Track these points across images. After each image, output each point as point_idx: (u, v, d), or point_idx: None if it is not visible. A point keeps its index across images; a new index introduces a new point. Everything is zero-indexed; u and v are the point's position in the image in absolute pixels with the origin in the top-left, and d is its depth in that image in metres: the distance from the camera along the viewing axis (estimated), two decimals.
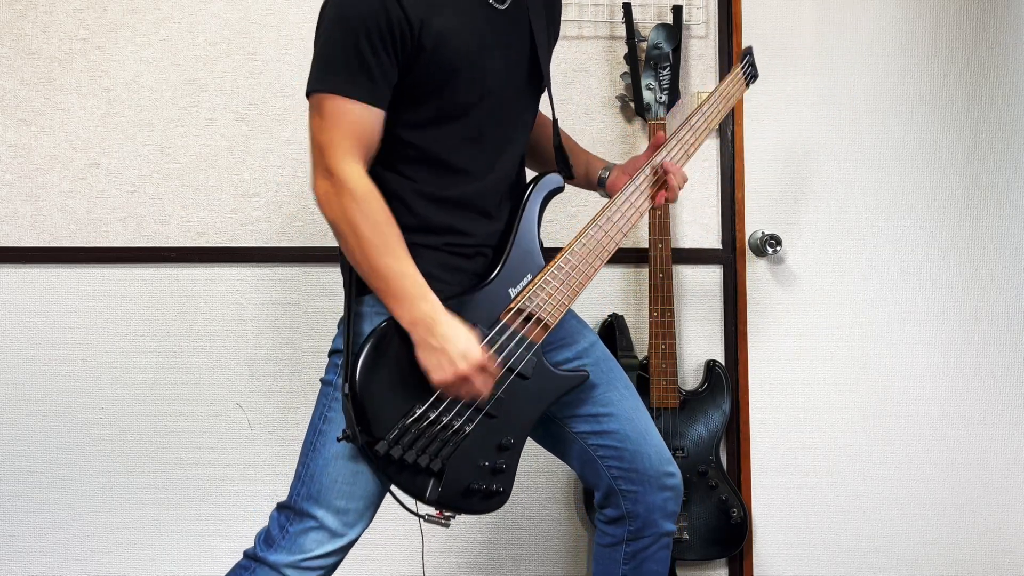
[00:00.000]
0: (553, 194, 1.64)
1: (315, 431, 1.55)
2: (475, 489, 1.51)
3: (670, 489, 1.67)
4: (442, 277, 1.51)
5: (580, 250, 1.60)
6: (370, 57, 1.42)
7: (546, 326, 1.56)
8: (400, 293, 1.43)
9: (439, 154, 1.52)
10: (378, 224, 1.44)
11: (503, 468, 1.53)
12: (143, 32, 2.30)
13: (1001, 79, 2.57)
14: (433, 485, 1.47)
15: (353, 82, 1.43)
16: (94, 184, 2.28)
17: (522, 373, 1.54)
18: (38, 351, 2.27)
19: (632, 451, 1.65)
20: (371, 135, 1.46)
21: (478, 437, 1.51)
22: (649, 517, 1.66)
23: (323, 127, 1.45)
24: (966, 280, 2.55)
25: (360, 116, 1.44)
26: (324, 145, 1.44)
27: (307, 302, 2.34)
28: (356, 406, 1.43)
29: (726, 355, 2.46)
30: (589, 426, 1.67)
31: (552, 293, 1.56)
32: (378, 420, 1.44)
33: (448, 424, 1.48)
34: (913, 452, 2.53)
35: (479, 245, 1.57)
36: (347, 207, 1.43)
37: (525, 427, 1.56)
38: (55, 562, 2.29)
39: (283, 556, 1.51)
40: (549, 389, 1.58)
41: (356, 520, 1.53)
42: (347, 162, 1.43)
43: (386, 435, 1.43)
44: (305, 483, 1.53)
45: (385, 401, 1.45)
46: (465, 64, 1.49)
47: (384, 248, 1.43)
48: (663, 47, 2.33)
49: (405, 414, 1.45)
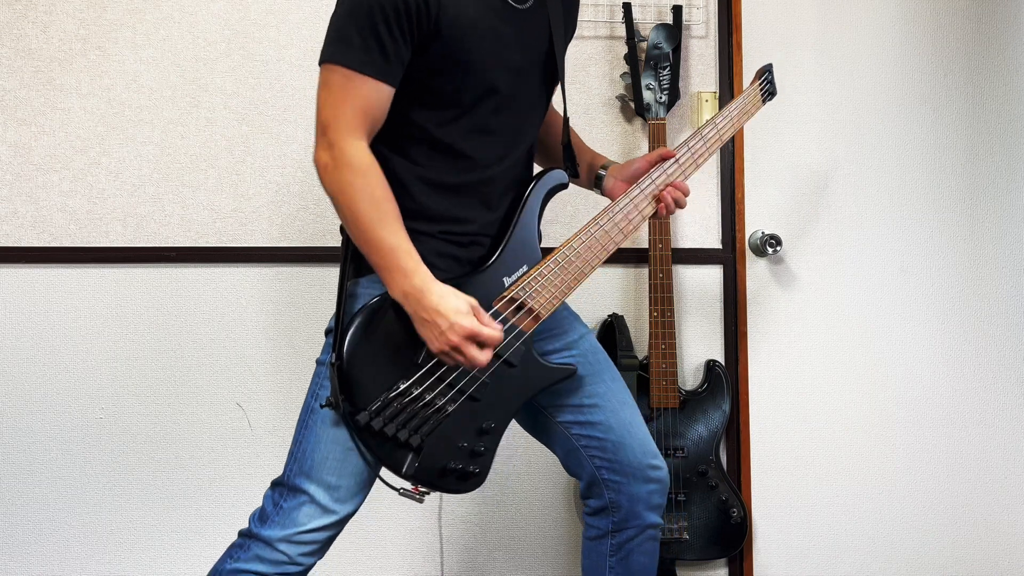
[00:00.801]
0: (556, 190, 1.65)
1: (308, 409, 1.57)
2: (452, 468, 1.53)
3: (655, 481, 1.68)
4: (438, 264, 1.53)
5: (579, 246, 1.61)
6: (385, 34, 1.43)
7: (537, 317, 1.57)
8: (392, 266, 1.45)
9: (449, 141, 1.53)
10: (375, 198, 1.45)
11: (481, 451, 1.56)
12: (143, 32, 2.30)
13: (1001, 79, 2.57)
14: (411, 460, 1.50)
15: (366, 57, 1.43)
16: (94, 184, 2.28)
17: (509, 360, 1.56)
18: (38, 351, 2.27)
19: (615, 442, 1.67)
20: (378, 111, 1.47)
21: (459, 418, 1.53)
22: (632, 508, 1.68)
23: (330, 99, 1.45)
24: (966, 280, 2.55)
25: (369, 92, 1.45)
26: (329, 117, 1.45)
27: (307, 302, 2.34)
28: (341, 376, 1.46)
29: (726, 355, 2.46)
30: (573, 416, 1.69)
31: (546, 285, 1.58)
32: (362, 391, 1.46)
33: (430, 402, 1.50)
34: (913, 452, 2.53)
35: (476, 234, 1.58)
36: (346, 180, 1.44)
37: (507, 413, 1.58)
38: (55, 562, 2.29)
39: (276, 531, 1.53)
40: (535, 379, 1.60)
41: (347, 497, 1.54)
42: (351, 136, 1.44)
43: (368, 406, 1.45)
44: (297, 460, 1.55)
45: (370, 373, 1.47)
46: (479, 57, 1.49)
47: (380, 222, 1.44)
48: (663, 47, 2.33)
49: (389, 388, 1.47)
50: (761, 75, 1.79)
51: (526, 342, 1.57)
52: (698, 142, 1.70)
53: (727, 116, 1.73)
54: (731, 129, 1.74)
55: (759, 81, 1.78)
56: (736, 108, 1.74)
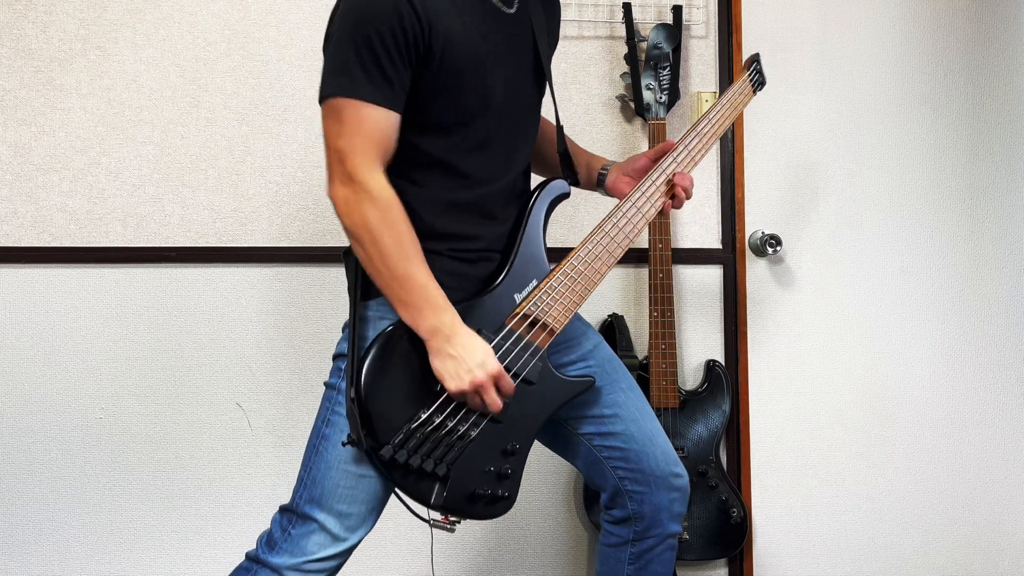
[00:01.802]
0: (559, 200, 1.64)
1: (318, 435, 1.54)
2: (480, 494, 1.51)
3: (677, 490, 1.67)
4: (447, 283, 1.49)
5: (586, 256, 1.59)
6: (385, 60, 1.40)
7: (551, 331, 1.55)
8: (422, 302, 1.43)
9: (448, 159, 1.51)
10: (400, 233, 1.42)
11: (508, 473, 1.53)
12: (143, 32, 2.30)
13: (1001, 79, 2.57)
14: (438, 490, 1.47)
15: (371, 85, 1.41)
16: (94, 184, 2.28)
17: (528, 379, 1.53)
18: (38, 351, 2.27)
19: (638, 452, 1.65)
20: (390, 139, 1.45)
21: (483, 442, 1.50)
22: (656, 517, 1.66)
23: (342, 132, 1.42)
24: (966, 280, 2.55)
25: (379, 120, 1.42)
26: (344, 150, 1.41)
27: (307, 302, 2.34)
28: (361, 410, 1.42)
29: (726, 355, 2.46)
30: (594, 427, 1.66)
31: (558, 298, 1.56)
32: (383, 425, 1.43)
33: (453, 429, 1.47)
34: (913, 452, 2.53)
35: (484, 249, 1.56)
36: (369, 215, 1.41)
37: (530, 432, 1.56)
38: (55, 562, 2.29)
39: (285, 559, 1.51)
40: (554, 394, 1.58)
41: (358, 524, 1.53)
42: (369, 168, 1.41)
43: (391, 440, 1.43)
44: (307, 486, 1.52)
45: (390, 405, 1.44)
46: (472, 68, 1.48)
47: (406, 257, 1.42)
48: (663, 47, 2.33)
49: (410, 419, 1.45)
50: (749, 65, 1.79)
51: (542, 358, 1.55)
52: (693, 138, 1.69)
53: (720, 109, 1.73)
54: (726, 121, 1.74)
55: (748, 72, 1.78)
56: (728, 100, 1.74)
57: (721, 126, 1.73)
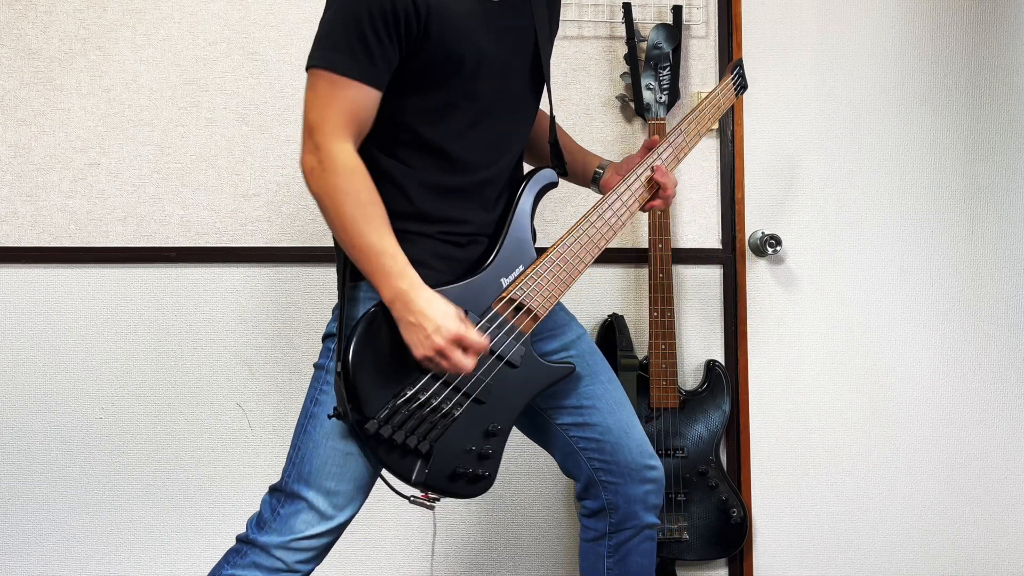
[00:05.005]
0: (547, 189, 1.66)
1: (307, 414, 1.56)
2: (461, 473, 1.53)
3: (651, 482, 1.69)
4: (435, 265, 1.52)
5: (572, 244, 1.62)
6: (372, 38, 1.42)
7: (536, 317, 1.58)
8: (379, 270, 1.44)
9: (442, 144, 1.53)
10: (362, 202, 1.44)
11: (489, 453, 1.56)
12: (143, 32, 2.30)
13: (1001, 79, 2.57)
14: (420, 466, 1.49)
15: (352, 61, 1.43)
16: (94, 184, 2.28)
17: (511, 361, 1.56)
18: (38, 351, 2.27)
19: (613, 443, 1.67)
20: (365, 115, 1.46)
21: (466, 422, 1.53)
22: (629, 509, 1.69)
23: (316, 103, 1.45)
24: (966, 280, 2.55)
25: (355, 95, 1.44)
26: (315, 120, 1.44)
27: (307, 302, 2.34)
28: (348, 385, 1.45)
29: (726, 355, 2.46)
30: (571, 418, 1.69)
31: (543, 285, 1.59)
32: (369, 399, 1.45)
33: (438, 407, 1.50)
34: (913, 452, 2.53)
35: (473, 233, 1.58)
36: (331, 183, 1.43)
37: (512, 414, 1.59)
38: (55, 562, 2.29)
39: (274, 537, 1.52)
40: (536, 379, 1.60)
41: (346, 503, 1.54)
42: (336, 139, 1.43)
43: (376, 414, 1.45)
44: (296, 465, 1.54)
45: (376, 381, 1.46)
46: (469, 53, 1.49)
47: (366, 225, 1.44)
48: (663, 47, 2.33)
49: (396, 395, 1.47)
50: (733, 69, 1.84)
51: (526, 343, 1.58)
52: (678, 136, 1.73)
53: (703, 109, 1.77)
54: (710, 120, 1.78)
55: (731, 75, 1.83)
56: (711, 100, 1.78)
57: (705, 125, 1.77)
